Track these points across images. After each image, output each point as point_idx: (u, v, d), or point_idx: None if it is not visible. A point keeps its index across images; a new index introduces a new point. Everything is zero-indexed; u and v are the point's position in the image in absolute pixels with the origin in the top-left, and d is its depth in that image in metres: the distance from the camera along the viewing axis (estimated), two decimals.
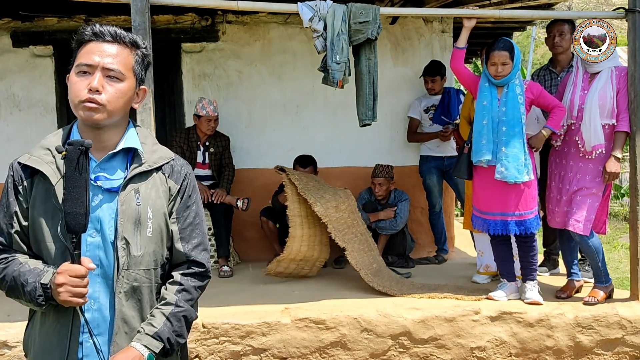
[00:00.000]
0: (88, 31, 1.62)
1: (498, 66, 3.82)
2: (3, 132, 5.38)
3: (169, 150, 1.77)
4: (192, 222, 1.74)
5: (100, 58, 1.59)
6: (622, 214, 10.03)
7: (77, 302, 1.53)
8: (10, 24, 5.30)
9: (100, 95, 1.57)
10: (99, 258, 1.62)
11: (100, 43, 1.61)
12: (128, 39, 1.65)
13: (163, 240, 1.69)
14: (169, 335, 1.64)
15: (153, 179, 1.68)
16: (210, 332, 3.60)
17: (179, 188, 1.72)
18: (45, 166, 1.61)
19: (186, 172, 1.75)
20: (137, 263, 1.63)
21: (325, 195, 4.46)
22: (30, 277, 1.56)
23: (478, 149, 3.91)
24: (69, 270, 1.51)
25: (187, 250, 1.72)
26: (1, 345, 3.45)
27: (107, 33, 1.61)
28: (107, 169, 1.65)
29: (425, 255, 5.49)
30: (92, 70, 1.59)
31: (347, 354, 3.69)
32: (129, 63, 1.64)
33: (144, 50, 1.69)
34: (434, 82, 5.34)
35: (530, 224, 3.85)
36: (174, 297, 1.67)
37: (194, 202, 1.76)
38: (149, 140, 1.74)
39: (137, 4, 3.38)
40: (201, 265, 1.74)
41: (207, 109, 4.99)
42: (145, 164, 1.67)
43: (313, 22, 3.80)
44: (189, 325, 1.72)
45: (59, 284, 1.50)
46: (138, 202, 1.63)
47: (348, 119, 5.12)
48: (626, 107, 3.91)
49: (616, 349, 3.83)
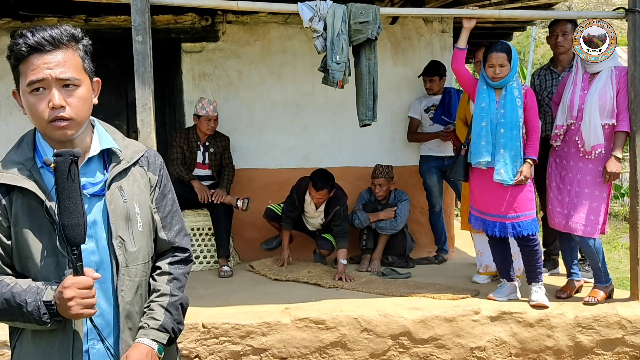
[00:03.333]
0: (23, 46, 1.50)
1: (496, 68, 3.83)
2: (3, 132, 5.37)
3: (138, 142, 1.77)
4: (171, 210, 1.77)
5: (50, 70, 1.50)
6: (622, 214, 10.03)
7: (88, 314, 1.50)
8: (10, 24, 5.30)
9: (65, 111, 1.52)
10: (94, 263, 1.60)
11: (43, 55, 1.51)
12: (65, 38, 1.54)
13: (151, 232, 1.72)
14: (173, 325, 1.67)
15: (132, 174, 1.68)
16: (210, 332, 3.60)
17: (157, 179, 1.74)
18: (26, 181, 1.54)
19: (160, 162, 1.78)
20: (135, 258, 1.65)
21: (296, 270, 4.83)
22: (29, 297, 1.50)
23: (477, 151, 3.91)
24: (77, 283, 1.47)
25: (171, 238, 1.75)
26: (1, 345, 3.44)
27: (45, 42, 1.51)
28: (87, 173, 1.62)
29: (425, 255, 5.49)
30: (46, 84, 1.51)
31: (347, 354, 3.69)
32: (78, 64, 1.56)
33: (83, 42, 1.60)
34: (432, 82, 5.34)
35: (527, 225, 3.85)
36: (167, 288, 1.70)
37: (169, 190, 1.78)
38: (117, 136, 1.72)
39: (137, 4, 3.38)
40: (185, 251, 1.78)
41: (206, 108, 4.99)
42: (123, 160, 1.66)
43: (313, 22, 3.80)
44: (185, 311, 1.76)
45: (69, 298, 1.46)
46: (125, 199, 1.63)
47: (348, 119, 5.12)
48: (626, 107, 3.91)
49: (616, 349, 3.83)
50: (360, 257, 5.18)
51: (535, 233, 3.90)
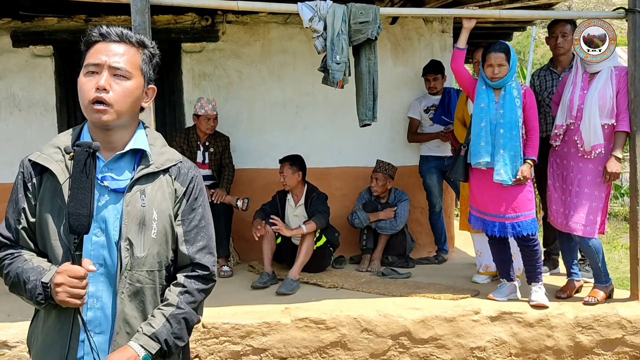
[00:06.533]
0: (95, 32, 1.64)
1: (495, 68, 3.83)
2: (3, 132, 5.38)
3: (177, 153, 1.77)
4: (198, 225, 1.73)
5: (107, 57, 1.60)
6: (622, 214, 10.03)
7: (74, 303, 1.53)
8: (10, 24, 5.30)
9: (107, 94, 1.58)
10: (103, 257, 1.63)
11: (107, 43, 1.63)
12: (135, 39, 1.66)
13: (168, 242, 1.69)
14: (167, 337, 1.62)
15: (160, 181, 1.68)
16: (210, 332, 3.60)
17: (184, 190, 1.72)
18: (54, 164, 1.62)
19: (193, 175, 1.75)
20: (140, 264, 1.63)
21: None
22: (32, 275, 1.57)
23: (476, 151, 3.91)
24: (68, 271, 1.52)
25: (192, 253, 1.71)
26: (1, 345, 3.44)
27: (114, 33, 1.63)
28: (115, 169, 1.66)
29: (425, 255, 5.49)
30: (99, 69, 1.60)
31: (347, 354, 3.69)
32: (136, 62, 1.65)
33: (151, 50, 1.71)
34: (436, 81, 5.33)
35: (527, 225, 3.85)
36: (175, 299, 1.67)
37: (200, 205, 1.75)
38: (158, 142, 1.74)
39: (137, 4, 3.38)
40: (205, 268, 1.73)
41: (205, 107, 4.99)
42: (152, 165, 1.68)
43: (313, 22, 3.80)
44: (190, 328, 1.70)
45: (58, 284, 1.51)
46: (143, 204, 1.63)
47: (348, 119, 5.12)
48: (626, 107, 3.91)
49: (616, 349, 3.83)
50: (360, 257, 5.18)
51: (535, 233, 3.90)
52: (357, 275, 4.72)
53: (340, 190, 5.52)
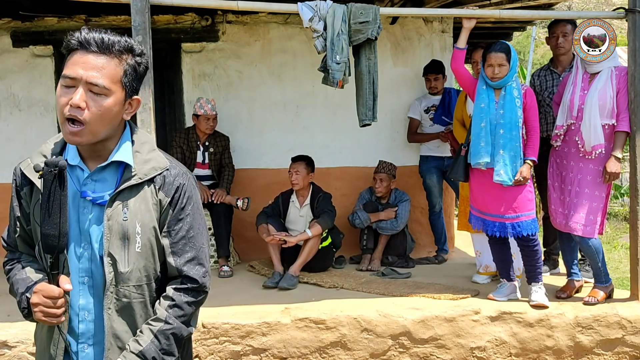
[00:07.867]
0: (74, 39, 1.50)
1: (495, 68, 3.82)
2: (3, 132, 5.38)
3: (164, 159, 1.65)
4: (185, 236, 1.64)
5: (84, 71, 1.48)
6: (622, 214, 10.02)
7: (50, 323, 1.51)
8: (10, 24, 5.30)
9: (82, 112, 1.48)
10: (91, 271, 1.59)
11: (86, 54, 1.49)
12: (117, 47, 1.51)
13: (155, 254, 1.62)
14: (155, 355, 1.56)
15: (144, 192, 1.59)
16: (210, 332, 3.60)
17: (169, 200, 1.61)
18: (35, 177, 1.56)
19: (179, 184, 1.63)
20: (126, 279, 1.57)
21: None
22: (20, 287, 1.58)
23: (476, 152, 3.91)
24: (43, 291, 1.50)
25: (179, 265, 1.63)
26: (1, 345, 3.44)
27: (94, 42, 1.49)
28: (99, 180, 1.60)
29: (426, 256, 5.49)
30: (75, 83, 1.49)
31: (347, 354, 3.69)
32: (116, 75, 1.51)
33: (137, 59, 1.56)
34: (437, 80, 5.33)
35: (527, 225, 3.84)
36: (164, 313, 1.60)
37: (187, 215, 1.64)
38: (144, 148, 1.64)
39: (137, 4, 3.38)
40: (194, 281, 1.64)
41: (204, 107, 4.99)
42: (135, 176, 1.58)
43: (313, 22, 3.80)
44: (180, 341, 1.63)
45: (34, 304, 1.51)
46: (125, 217, 1.56)
47: (348, 119, 5.12)
48: (626, 107, 3.91)
49: (616, 349, 3.83)
50: (360, 257, 5.18)
51: (535, 233, 3.90)
52: (357, 275, 4.72)
53: (340, 190, 5.51)
